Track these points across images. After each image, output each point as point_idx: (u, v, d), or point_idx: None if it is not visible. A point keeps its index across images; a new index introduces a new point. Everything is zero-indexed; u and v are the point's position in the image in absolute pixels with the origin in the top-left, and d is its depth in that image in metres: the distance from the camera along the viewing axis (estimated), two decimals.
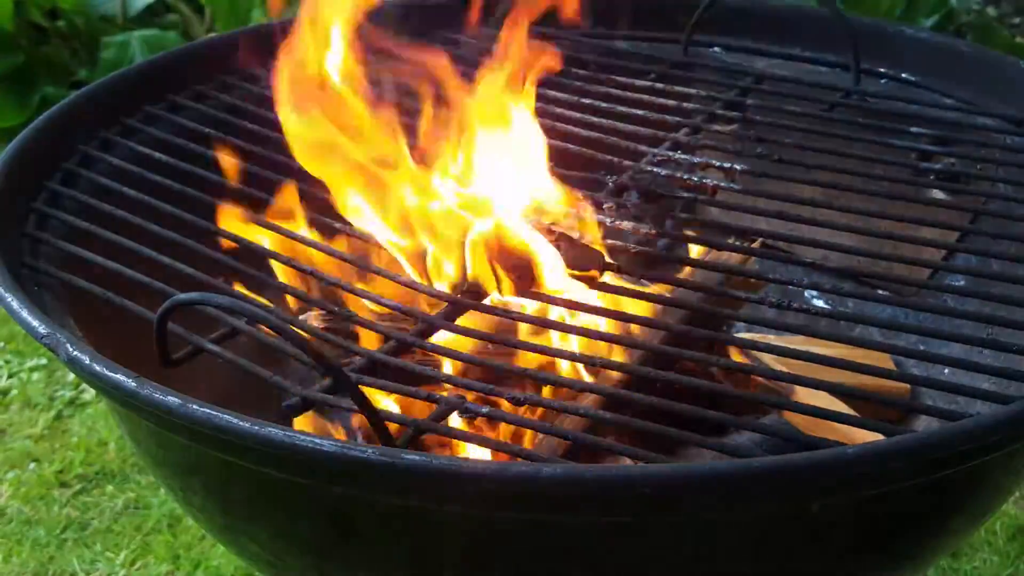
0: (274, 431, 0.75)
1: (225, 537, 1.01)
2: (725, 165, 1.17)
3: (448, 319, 0.98)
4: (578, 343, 1.01)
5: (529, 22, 1.13)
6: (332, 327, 1.00)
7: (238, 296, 0.98)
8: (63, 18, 2.75)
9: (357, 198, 1.08)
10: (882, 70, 1.36)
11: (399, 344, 0.94)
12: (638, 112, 1.27)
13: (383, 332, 0.96)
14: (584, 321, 1.01)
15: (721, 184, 1.16)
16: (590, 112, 1.27)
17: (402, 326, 0.99)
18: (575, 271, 1.02)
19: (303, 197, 1.11)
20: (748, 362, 1.03)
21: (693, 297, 1.04)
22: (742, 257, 1.09)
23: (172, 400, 0.78)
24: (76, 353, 0.85)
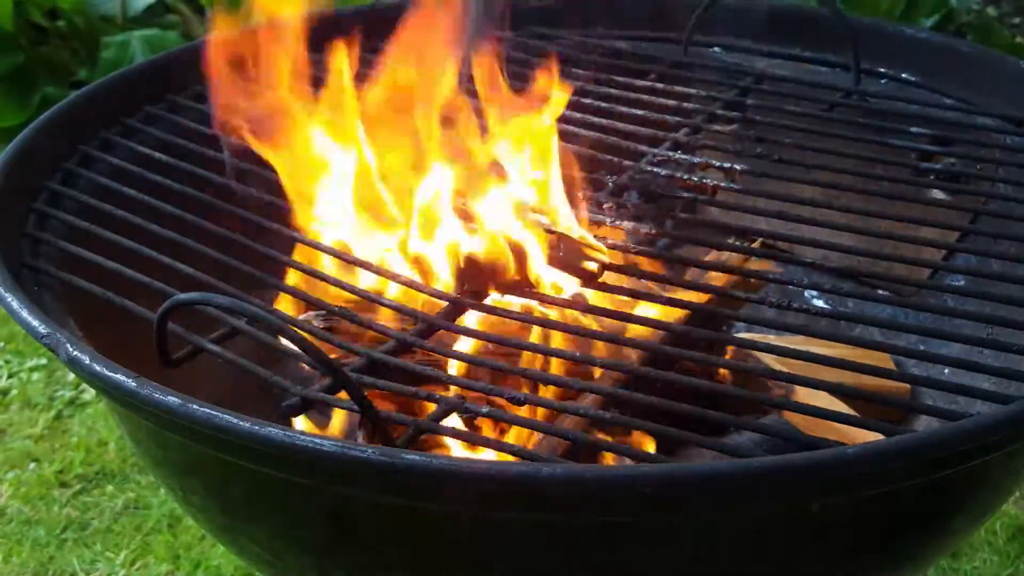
0: (274, 431, 0.75)
1: (225, 537, 1.01)
2: (725, 165, 1.17)
3: (448, 319, 0.98)
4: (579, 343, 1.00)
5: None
6: (332, 327, 1.00)
7: (238, 296, 0.98)
8: (63, 18, 2.75)
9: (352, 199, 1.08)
10: (882, 70, 1.36)
11: (399, 344, 0.94)
12: (638, 112, 1.27)
13: (383, 332, 0.96)
14: (583, 321, 1.01)
15: (721, 184, 1.16)
16: (590, 112, 1.27)
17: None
18: (575, 271, 1.02)
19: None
20: (748, 362, 1.03)
21: (693, 297, 1.04)
22: (742, 257, 1.09)
23: (172, 400, 0.78)
24: (76, 353, 0.85)
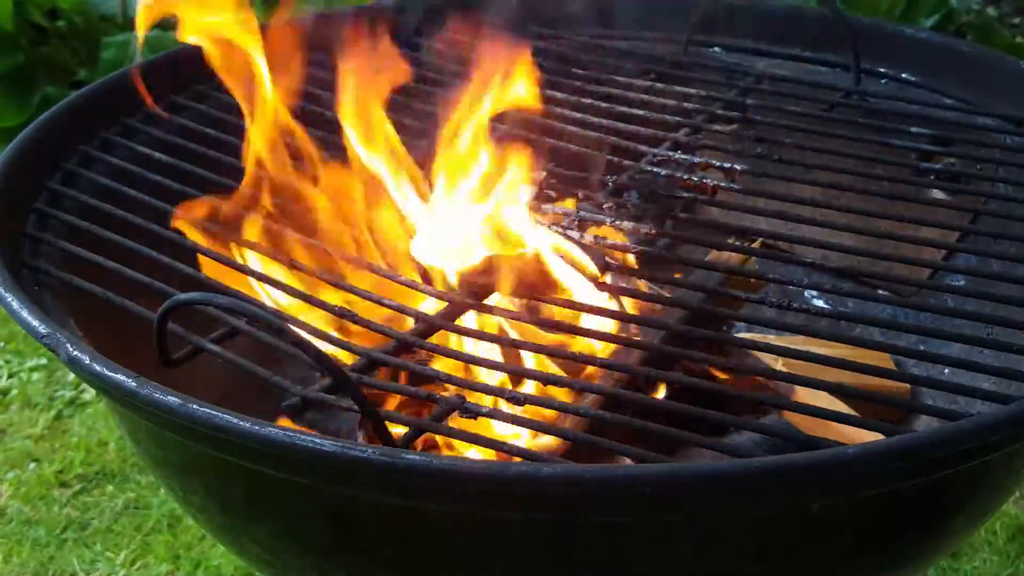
0: (274, 431, 0.75)
1: (225, 537, 1.01)
2: (725, 165, 1.17)
3: (448, 319, 0.98)
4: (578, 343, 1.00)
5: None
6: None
7: (238, 296, 0.98)
8: (63, 18, 2.74)
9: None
10: (882, 70, 1.36)
11: (399, 344, 0.94)
12: (638, 112, 1.27)
13: (383, 332, 0.96)
14: (583, 322, 1.01)
15: (721, 184, 1.16)
16: (590, 112, 1.27)
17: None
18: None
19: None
20: (748, 362, 1.03)
21: (693, 297, 1.04)
22: (742, 257, 1.09)
23: (172, 400, 0.78)
24: (76, 353, 0.85)
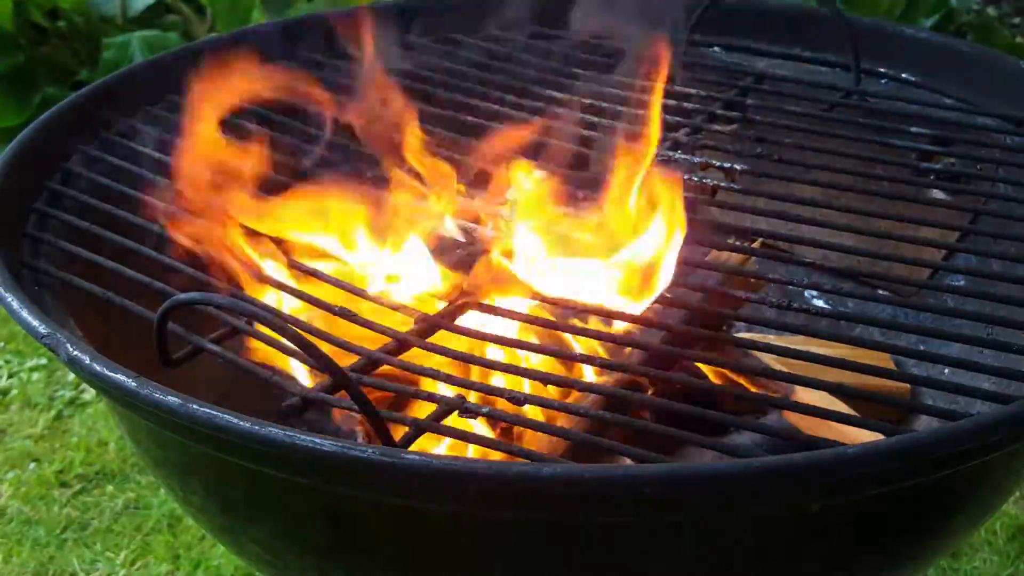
0: (274, 431, 0.75)
1: (225, 537, 1.01)
2: (725, 165, 1.17)
3: (448, 319, 0.98)
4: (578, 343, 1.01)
5: None
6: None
7: (238, 296, 0.98)
8: (63, 18, 2.75)
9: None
10: (882, 70, 1.36)
11: (399, 344, 0.94)
12: (638, 112, 1.27)
13: (383, 332, 0.96)
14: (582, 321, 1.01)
15: (721, 184, 1.16)
16: (590, 112, 1.27)
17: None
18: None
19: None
20: (748, 362, 1.03)
21: (693, 297, 1.04)
22: (742, 257, 1.09)
23: (172, 400, 0.78)
24: (76, 353, 0.85)
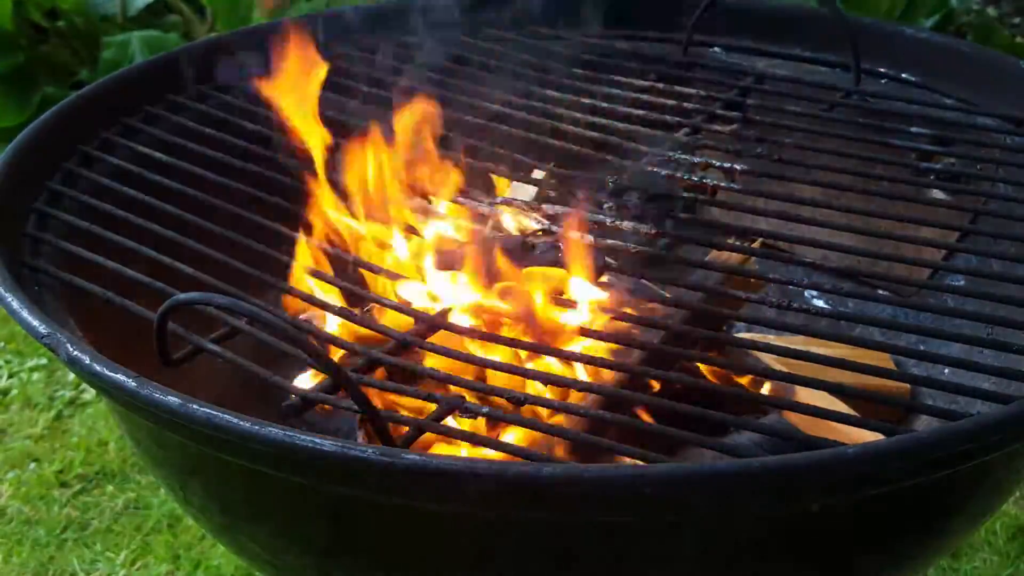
0: (274, 431, 0.75)
1: (225, 537, 1.01)
2: (725, 165, 1.17)
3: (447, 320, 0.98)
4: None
5: None
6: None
7: (238, 296, 0.98)
8: (63, 18, 2.75)
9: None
10: (882, 70, 1.36)
11: (399, 344, 0.94)
12: (638, 112, 1.27)
13: (383, 332, 0.96)
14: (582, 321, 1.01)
15: (721, 184, 1.15)
16: (591, 112, 1.27)
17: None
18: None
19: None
20: (748, 362, 1.03)
21: (693, 297, 1.04)
22: (742, 257, 1.09)
23: (172, 400, 0.78)
24: (76, 353, 0.85)
